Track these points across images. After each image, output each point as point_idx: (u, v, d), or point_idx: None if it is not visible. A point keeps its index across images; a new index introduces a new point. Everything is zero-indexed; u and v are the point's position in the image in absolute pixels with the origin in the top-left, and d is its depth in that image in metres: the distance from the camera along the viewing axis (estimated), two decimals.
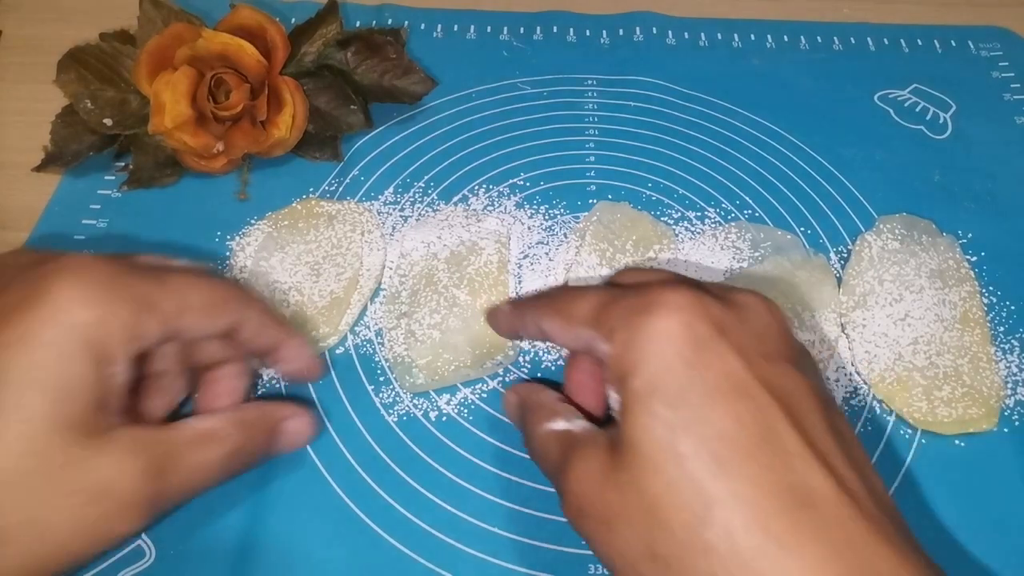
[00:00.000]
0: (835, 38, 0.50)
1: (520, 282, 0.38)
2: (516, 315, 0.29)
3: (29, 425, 0.22)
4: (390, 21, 0.50)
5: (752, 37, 0.50)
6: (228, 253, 0.38)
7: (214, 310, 0.26)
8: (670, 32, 0.50)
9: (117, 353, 0.23)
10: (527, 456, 0.32)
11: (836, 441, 0.22)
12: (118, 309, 0.23)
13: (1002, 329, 0.36)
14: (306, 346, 0.30)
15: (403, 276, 0.37)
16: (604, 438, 0.24)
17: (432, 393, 0.34)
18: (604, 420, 0.27)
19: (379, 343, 0.36)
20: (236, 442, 0.26)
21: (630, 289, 0.24)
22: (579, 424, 0.26)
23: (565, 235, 0.39)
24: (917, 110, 0.46)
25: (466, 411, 0.34)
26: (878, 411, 0.34)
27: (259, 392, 0.33)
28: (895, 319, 0.35)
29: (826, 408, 0.22)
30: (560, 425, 0.26)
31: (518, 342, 0.35)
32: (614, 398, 0.23)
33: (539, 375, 0.35)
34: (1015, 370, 0.35)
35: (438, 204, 0.41)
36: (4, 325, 0.22)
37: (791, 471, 0.20)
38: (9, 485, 0.21)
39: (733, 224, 0.40)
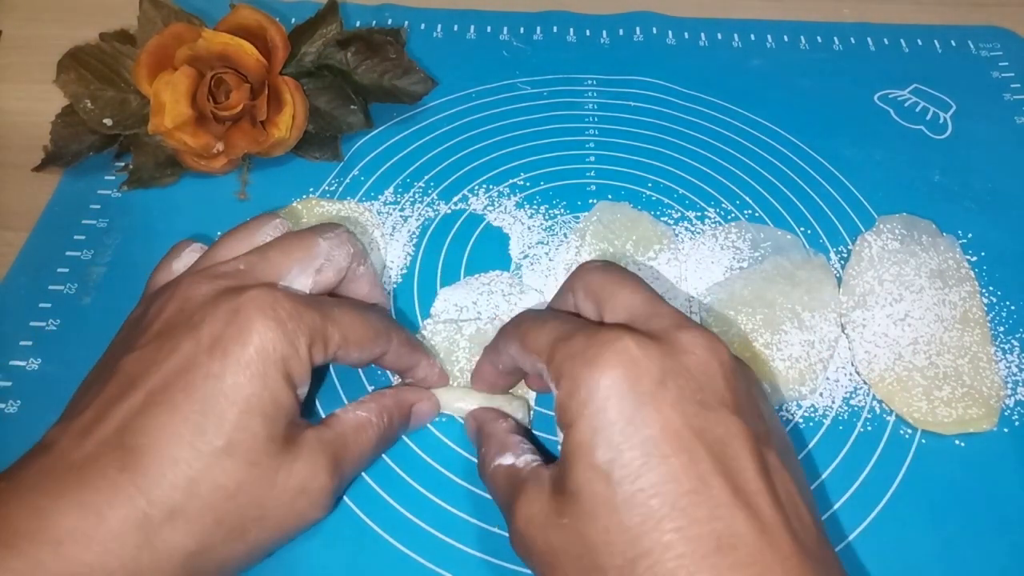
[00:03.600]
0: (835, 38, 0.50)
1: (520, 283, 0.38)
2: (492, 350, 0.31)
3: (251, 444, 0.26)
4: (390, 21, 0.50)
5: (752, 37, 0.50)
6: None
7: (369, 343, 0.29)
8: (670, 32, 0.50)
9: (301, 379, 0.27)
10: None
11: (765, 482, 0.23)
12: (301, 342, 0.27)
13: (1002, 329, 0.36)
14: (437, 366, 0.33)
15: (421, 339, 0.35)
16: (547, 477, 0.26)
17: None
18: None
19: None
20: (381, 426, 0.30)
21: (582, 328, 0.26)
22: (524, 459, 0.28)
23: (565, 235, 0.39)
24: (917, 110, 0.46)
25: None
26: (878, 411, 0.34)
27: None
28: (895, 319, 0.35)
29: (758, 450, 0.24)
30: (508, 460, 0.28)
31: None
32: (561, 438, 0.25)
33: None
34: (1015, 370, 0.35)
35: (438, 204, 0.41)
36: (216, 356, 0.26)
37: (717, 519, 0.22)
38: (240, 492, 0.25)
39: (733, 224, 0.40)
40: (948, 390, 0.33)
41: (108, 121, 0.40)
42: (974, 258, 0.38)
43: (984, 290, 0.37)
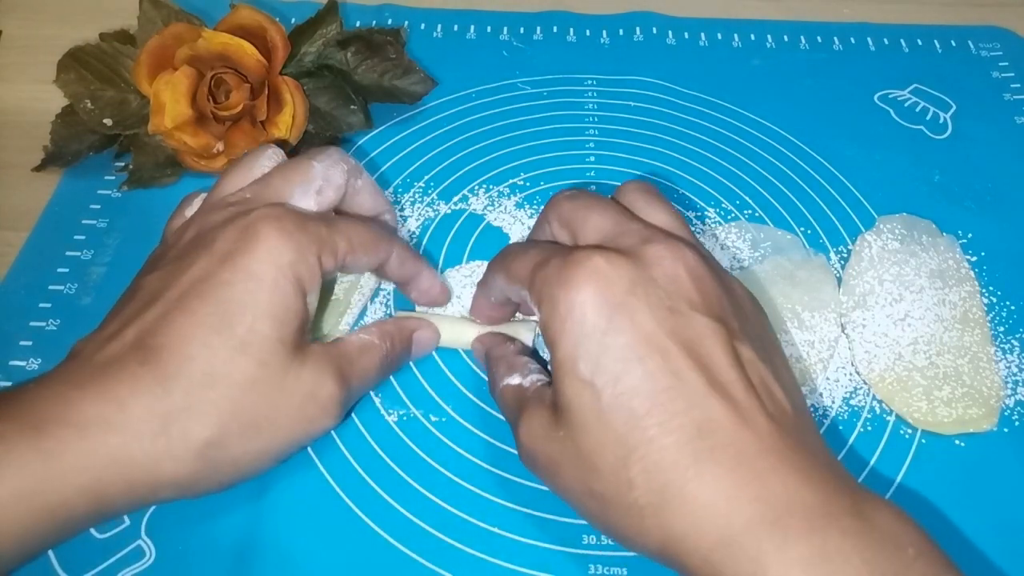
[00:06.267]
0: (835, 38, 0.50)
1: None
2: (483, 284, 0.32)
3: (262, 344, 0.27)
4: (390, 21, 0.50)
5: (752, 37, 0.50)
6: None
7: (372, 248, 0.31)
8: (670, 32, 0.50)
9: (311, 285, 0.29)
10: None
11: (738, 373, 0.25)
12: (309, 250, 0.28)
13: (1002, 329, 0.36)
14: (438, 277, 0.35)
15: None
16: (548, 395, 0.27)
17: (432, 393, 0.34)
18: None
19: None
20: (384, 349, 0.32)
21: (557, 253, 0.27)
22: (531, 379, 0.30)
23: None
24: (917, 110, 0.46)
25: (466, 411, 0.34)
26: (878, 411, 0.34)
27: None
28: (895, 319, 0.35)
29: (730, 344, 0.25)
30: (515, 380, 0.30)
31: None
32: (549, 359, 0.27)
33: None
34: (1015, 370, 0.35)
35: (438, 204, 0.41)
36: (228, 265, 0.27)
37: (694, 408, 0.24)
38: (253, 389, 0.27)
39: (733, 224, 0.40)
40: (948, 390, 0.33)
41: (108, 121, 0.40)
42: (974, 258, 0.38)
43: (984, 290, 0.37)
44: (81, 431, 0.25)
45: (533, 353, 0.33)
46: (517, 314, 0.35)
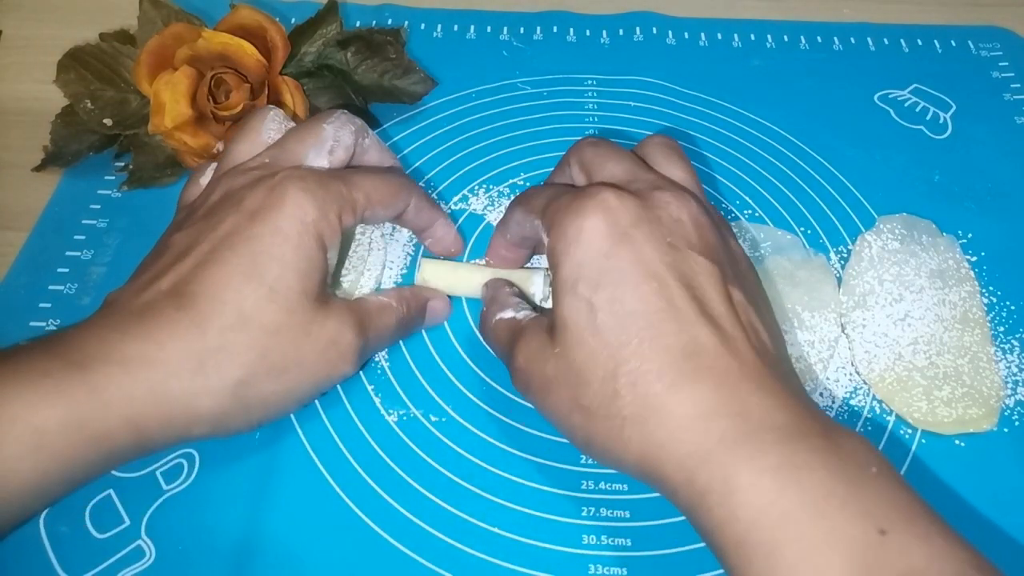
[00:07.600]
0: (835, 38, 0.50)
1: None
2: (502, 223, 0.35)
3: (288, 294, 0.29)
4: (390, 21, 0.50)
5: (752, 37, 0.50)
6: None
7: (390, 200, 0.33)
8: (670, 32, 0.50)
9: (331, 241, 0.31)
10: (528, 456, 0.32)
11: (728, 308, 0.27)
12: (330, 209, 0.30)
13: (1002, 329, 0.36)
14: (453, 226, 0.37)
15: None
16: (544, 322, 0.29)
17: (433, 393, 0.34)
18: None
19: None
20: (401, 312, 0.33)
21: (571, 190, 0.29)
22: (524, 313, 0.31)
23: None
24: (917, 110, 0.46)
25: (466, 411, 0.34)
26: (878, 411, 0.34)
27: None
28: (895, 319, 0.35)
29: (723, 284, 0.27)
30: (508, 314, 0.32)
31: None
32: (550, 282, 0.28)
33: None
34: (1015, 370, 0.35)
35: (438, 204, 0.41)
36: (256, 222, 0.29)
37: (684, 333, 0.26)
38: (281, 335, 0.29)
39: (733, 224, 0.40)
40: (948, 390, 0.33)
41: (108, 121, 0.40)
42: (974, 258, 0.38)
43: (984, 290, 0.37)
44: (123, 368, 0.27)
45: (534, 305, 0.35)
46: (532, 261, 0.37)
